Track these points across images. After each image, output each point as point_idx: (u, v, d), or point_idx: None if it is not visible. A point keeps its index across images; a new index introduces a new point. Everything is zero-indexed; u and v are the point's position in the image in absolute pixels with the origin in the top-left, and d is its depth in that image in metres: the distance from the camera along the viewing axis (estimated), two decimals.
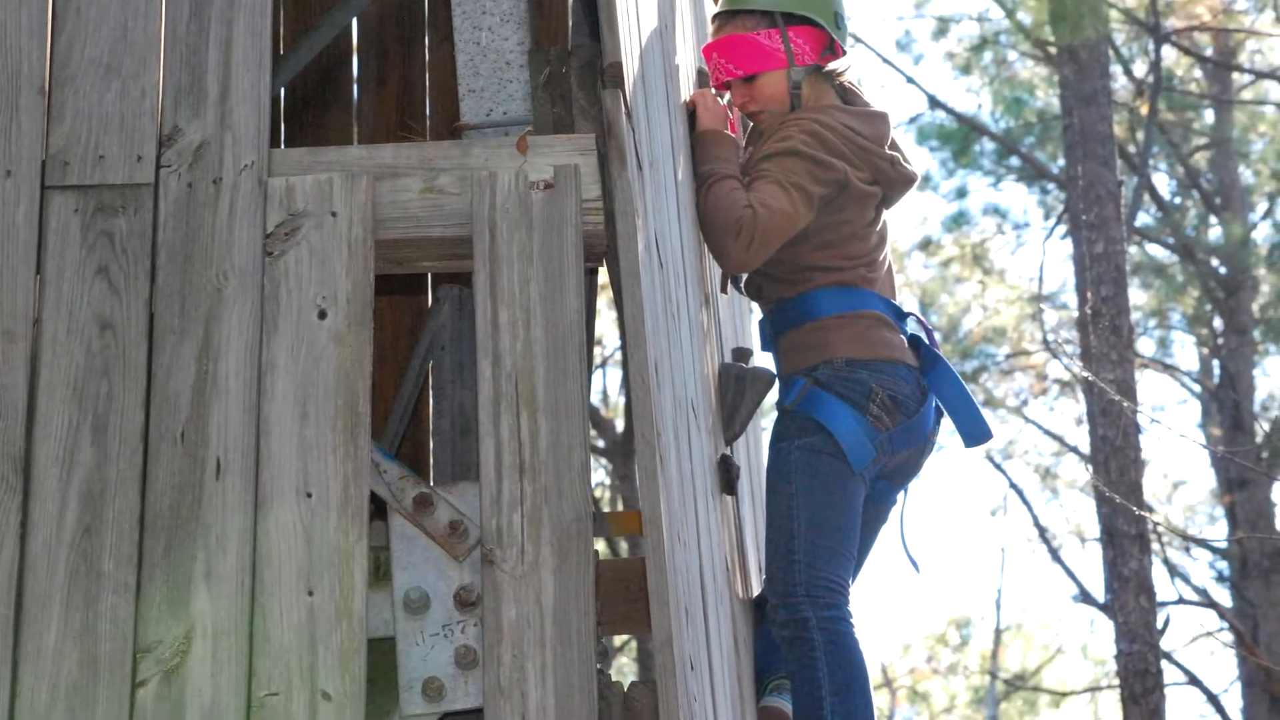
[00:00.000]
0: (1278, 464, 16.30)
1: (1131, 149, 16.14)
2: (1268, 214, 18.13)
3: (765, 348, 4.79)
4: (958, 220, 19.06)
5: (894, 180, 4.71)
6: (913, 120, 17.62)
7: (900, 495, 4.79)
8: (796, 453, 4.51)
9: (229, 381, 3.43)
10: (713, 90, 4.79)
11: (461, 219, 3.55)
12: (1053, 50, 14.48)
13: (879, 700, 21.65)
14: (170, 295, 3.47)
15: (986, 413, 4.98)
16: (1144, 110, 15.79)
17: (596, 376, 17.03)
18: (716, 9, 4.89)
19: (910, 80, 20.21)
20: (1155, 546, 15.06)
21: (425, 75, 5.47)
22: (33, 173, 3.53)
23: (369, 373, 3.45)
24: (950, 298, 19.43)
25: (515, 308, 3.48)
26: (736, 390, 4.68)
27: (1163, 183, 18.22)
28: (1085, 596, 15.70)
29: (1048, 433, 19.24)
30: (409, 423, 4.87)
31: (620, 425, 16.17)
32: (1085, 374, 11.95)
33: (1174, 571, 17.20)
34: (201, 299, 3.47)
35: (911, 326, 4.73)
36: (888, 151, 4.70)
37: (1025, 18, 15.79)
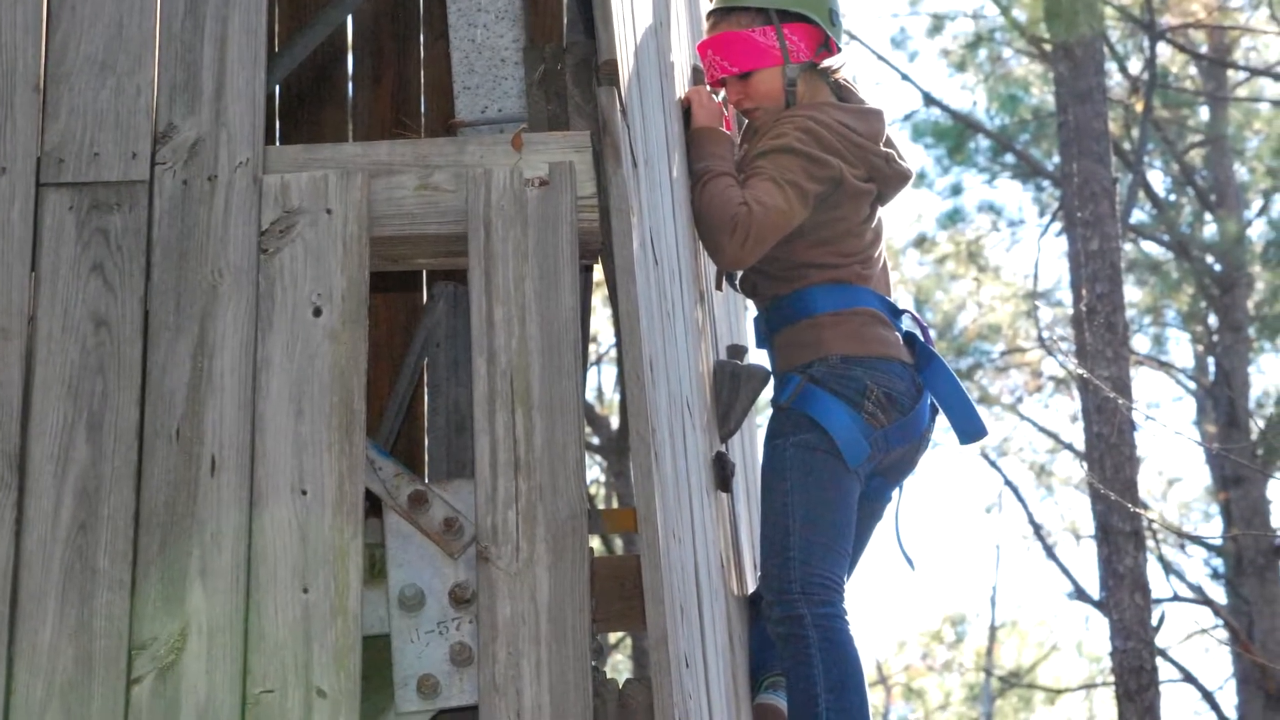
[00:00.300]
0: (1272, 461, 16.31)
1: (1126, 146, 16.15)
2: (1263, 211, 18.15)
3: (760, 345, 4.79)
4: (953, 217, 19.07)
5: (889, 177, 4.71)
6: (908, 117, 17.62)
7: (895, 492, 4.79)
8: (791, 450, 4.51)
9: (224, 379, 3.42)
10: (708, 87, 4.79)
11: (456, 216, 3.54)
12: (1048, 47, 14.48)
13: (874, 697, 21.65)
14: (165, 292, 3.47)
15: (981, 410, 4.99)
16: (1139, 107, 15.79)
17: (591, 374, 17.04)
18: (711, 6, 4.89)
19: (905, 77, 20.19)
20: (1150, 543, 15.06)
21: (420, 72, 5.47)
22: (28, 170, 3.52)
23: (364, 370, 3.45)
24: (945, 295, 19.43)
25: (510, 305, 3.48)
26: (731, 387, 4.68)
27: (1158, 180, 18.25)
28: (1080, 593, 15.71)
29: (1042, 430, 19.26)
30: (404, 420, 4.87)
31: (615, 422, 16.17)
32: (1080, 371, 11.95)
33: (1169, 568, 17.21)
34: (196, 296, 3.47)
35: (906, 323, 4.73)
36: (883, 148, 4.70)
37: (1020, 15, 15.80)
